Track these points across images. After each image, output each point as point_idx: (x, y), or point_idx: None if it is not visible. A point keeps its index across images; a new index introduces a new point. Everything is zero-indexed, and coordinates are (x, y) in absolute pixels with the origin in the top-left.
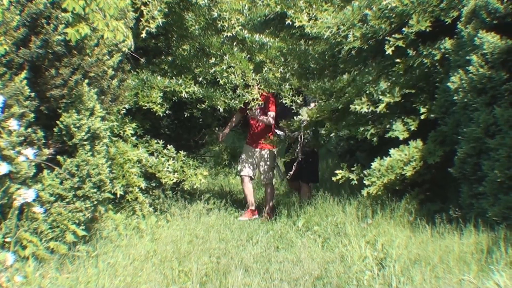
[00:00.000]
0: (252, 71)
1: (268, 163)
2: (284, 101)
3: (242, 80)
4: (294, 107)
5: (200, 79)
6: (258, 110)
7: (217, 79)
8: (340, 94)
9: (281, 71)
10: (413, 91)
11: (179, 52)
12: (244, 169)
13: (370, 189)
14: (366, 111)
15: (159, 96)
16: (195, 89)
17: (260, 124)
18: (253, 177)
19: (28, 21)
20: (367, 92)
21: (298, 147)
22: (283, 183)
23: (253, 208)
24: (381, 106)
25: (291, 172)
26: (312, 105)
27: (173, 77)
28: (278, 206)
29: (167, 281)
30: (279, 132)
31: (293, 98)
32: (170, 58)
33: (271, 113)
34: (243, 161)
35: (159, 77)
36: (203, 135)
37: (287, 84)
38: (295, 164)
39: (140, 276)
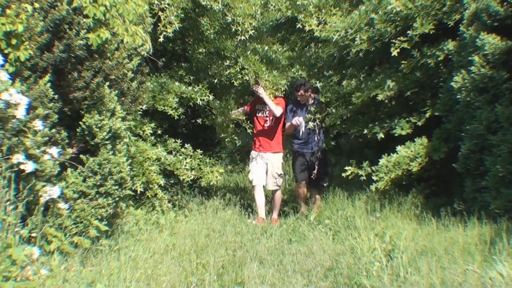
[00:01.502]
0: (264, 72)
1: (277, 167)
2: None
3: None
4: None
5: (216, 81)
6: (267, 113)
7: (232, 81)
8: (348, 98)
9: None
10: (416, 89)
11: (195, 55)
12: (256, 178)
13: (378, 184)
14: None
15: (175, 101)
16: (210, 98)
17: (268, 126)
18: (265, 185)
19: (51, 27)
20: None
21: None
22: (286, 190)
23: (263, 217)
24: (381, 96)
25: (315, 171)
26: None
27: (190, 83)
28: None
29: (185, 273)
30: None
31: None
32: (186, 64)
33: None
34: (254, 169)
35: (176, 83)
36: (219, 134)
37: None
38: (316, 163)
39: (160, 268)
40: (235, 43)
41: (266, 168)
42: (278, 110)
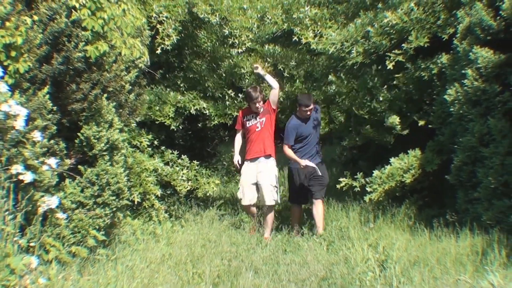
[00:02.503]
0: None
1: (273, 180)
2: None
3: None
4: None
5: (212, 91)
6: (258, 117)
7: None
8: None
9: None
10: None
11: (192, 66)
12: (245, 197)
13: (372, 196)
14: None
15: (172, 110)
16: (204, 105)
17: (259, 130)
18: (259, 201)
19: (50, 39)
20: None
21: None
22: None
23: (256, 228)
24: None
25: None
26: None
27: (185, 92)
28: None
29: (182, 283)
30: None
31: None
32: (183, 73)
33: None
34: (243, 187)
35: (172, 93)
36: (215, 146)
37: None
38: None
39: (156, 278)
40: (232, 56)
41: (258, 183)
42: (275, 83)
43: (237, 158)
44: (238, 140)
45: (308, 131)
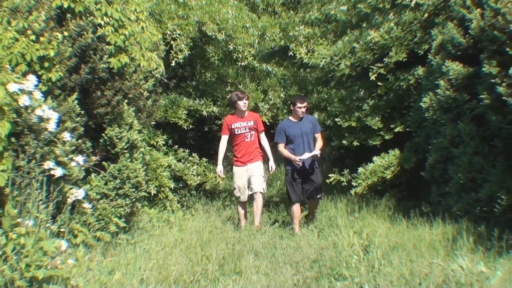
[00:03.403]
0: (261, 99)
1: (261, 172)
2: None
3: (253, 106)
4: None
5: (219, 98)
6: (247, 129)
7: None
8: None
9: (282, 96)
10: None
11: (202, 79)
12: (242, 195)
13: (357, 189)
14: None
15: (184, 113)
16: (213, 109)
17: (249, 140)
18: (251, 190)
19: (78, 52)
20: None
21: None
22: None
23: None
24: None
25: (318, 196)
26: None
27: (196, 98)
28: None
29: (192, 264)
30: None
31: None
32: (194, 83)
33: (262, 133)
34: (239, 187)
35: (184, 98)
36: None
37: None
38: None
39: (170, 259)
40: (236, 69)
41: (249, 178)
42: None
43: (220, 168)
44: (223, 147)
45: (297, 132)
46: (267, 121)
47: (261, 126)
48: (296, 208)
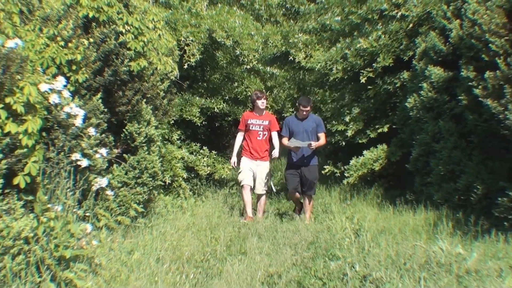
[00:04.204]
0: (263, 89)
1: (266, 173)
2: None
3: None
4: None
5: (226, 97)
6: (262, 127)
7: (238, 97)
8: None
9: (285, 95)
10: (373, 113)
11: (212, 79)
12: (245, 179)
13: (349, 179)
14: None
15: (198, 111)
16: (223, 106)
17: (260, 139)
18: (252, 188)
19: (102, 57)
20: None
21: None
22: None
23: (251, 216)
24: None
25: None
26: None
27: (208, 98)
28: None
29: (202, 245)
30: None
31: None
32: (205, 84)
33: (275, 132)
34: (244, 171)
35: (197, 98)
36: (228, 140)
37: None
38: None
39: (183, 241)
40: (242, 70)
41: (254, 174)
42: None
43: (234, 159)
44: (239, 141)
45: (300, 129)
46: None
47: (275, 127)
48: (293, 194)
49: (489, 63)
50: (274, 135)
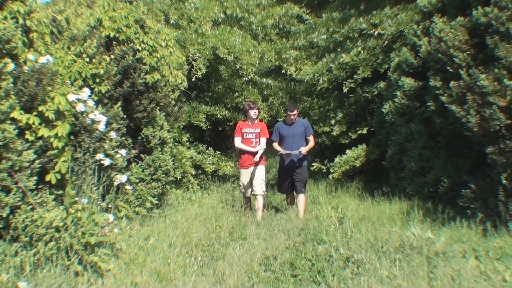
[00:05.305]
0: (260, 100)
1: (262, 176)
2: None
3: None
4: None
5: (228, 105)
6: (254, 135)
7: (239, 105)
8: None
9: (278, 102)
10: (354, 117)
11: (215, 90)
12: (246, 190)
13: (334, 175)
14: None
15: (204, 117)
16: (226, 112)
17: (254, 145)
18: (253, 191)
19: (122, 71)
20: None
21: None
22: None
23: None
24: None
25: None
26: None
27: (212, 105)
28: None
29: (208, 232)
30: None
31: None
32: (210, 94)
33: (264, 138)
34: (243, 184)
35: (203, 105)
36: (230, 141)
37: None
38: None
39: (191, 228)
40: (242, 82)
41: (251, 180)
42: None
43: (257, 149)
44: (240, 144)
45: (289, 133)
46: (266, 119)
47: (265, 134)
48: (286, 195)
49: (454, 74)
50: (263, 139)
